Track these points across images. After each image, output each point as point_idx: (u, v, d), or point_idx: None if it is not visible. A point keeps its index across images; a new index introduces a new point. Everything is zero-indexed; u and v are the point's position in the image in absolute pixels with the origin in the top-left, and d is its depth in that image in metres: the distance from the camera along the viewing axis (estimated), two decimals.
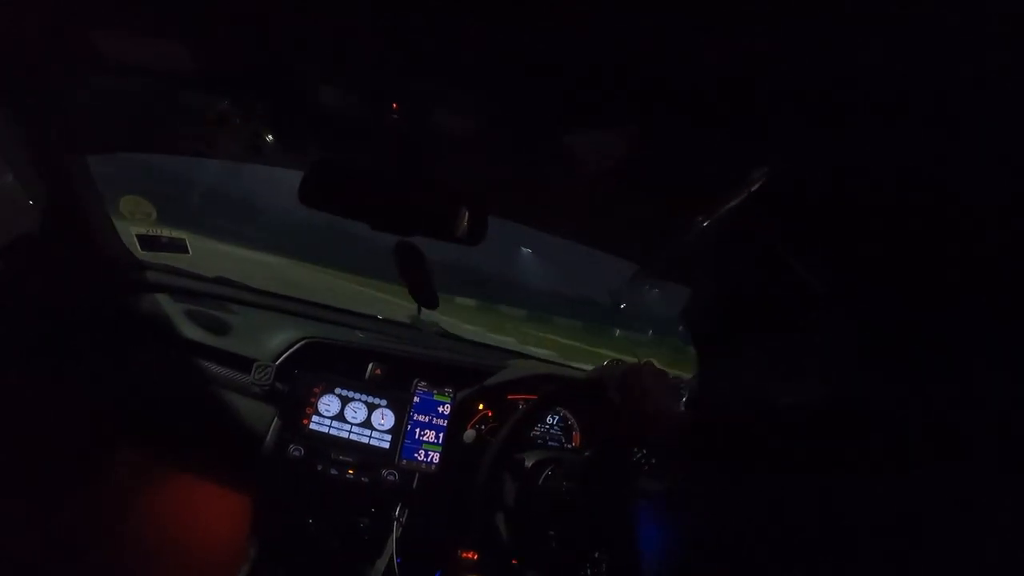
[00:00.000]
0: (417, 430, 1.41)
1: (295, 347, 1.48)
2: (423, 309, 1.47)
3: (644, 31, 0.66)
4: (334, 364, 1.47)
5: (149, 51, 1.14)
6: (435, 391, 1.43)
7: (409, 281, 1.33)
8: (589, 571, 1.35)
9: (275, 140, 1.33)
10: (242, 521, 1.55)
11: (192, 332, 1.58)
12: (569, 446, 1.50)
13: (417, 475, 1.38)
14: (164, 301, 1.65)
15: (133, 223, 1.63)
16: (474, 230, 1.21)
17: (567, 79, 0.88)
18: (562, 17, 0.70)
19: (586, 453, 1.49)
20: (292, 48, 1.05)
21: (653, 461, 1.35)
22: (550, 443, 1.49)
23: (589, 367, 1.84)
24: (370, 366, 1.48)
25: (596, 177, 1.10)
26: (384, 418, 1.41)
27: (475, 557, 1.36)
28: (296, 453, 1.37)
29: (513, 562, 1.35)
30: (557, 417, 1.50)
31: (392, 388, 1.44)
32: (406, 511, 1.38)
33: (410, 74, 1.03)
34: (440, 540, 1.43)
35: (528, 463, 1.35)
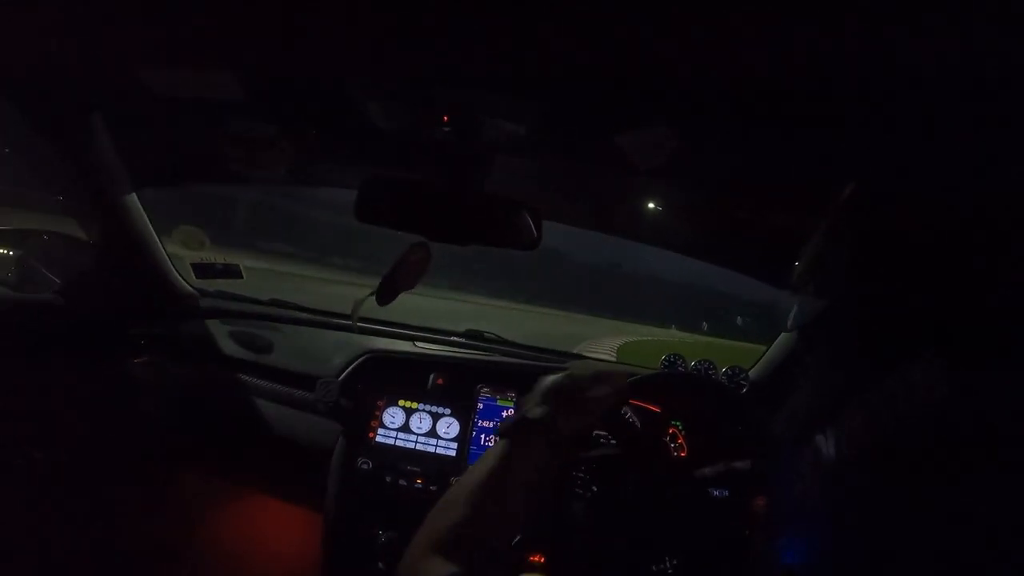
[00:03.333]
0: (483, 436, 1.41)
1: (356, 362, 1.51)
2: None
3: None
4: (395, 376, 1.49)
5: (197, 82, 1.16)
6: (498, 396, 1.43)
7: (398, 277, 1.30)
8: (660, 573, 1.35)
9: (325, 160, 1.35)
10: (311, 537, 1.58)
11: (252, 354, 1.61)
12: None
13: None
14: (222, 325, 1.69)
15: (187, 252, 1.67)
16: (534, 235, 1.22)
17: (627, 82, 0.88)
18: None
19: (679, 455, 1.48)
20: (340, 69, 1.07)
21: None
22: (612, 440, 1.49)
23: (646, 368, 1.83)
24: (431, 376, 1.49)
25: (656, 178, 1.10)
26: (449, 427, 1.43)
27: (543, 560, 1.37)
28: (364, 466, 1.39)
29: (583, 564, 1.35)
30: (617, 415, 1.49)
31: (455, 396, 1.46)
32: None
33: (460, 87, 1.04)
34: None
35: (593, 461, 1.34)
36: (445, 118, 1.12)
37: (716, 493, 1.39)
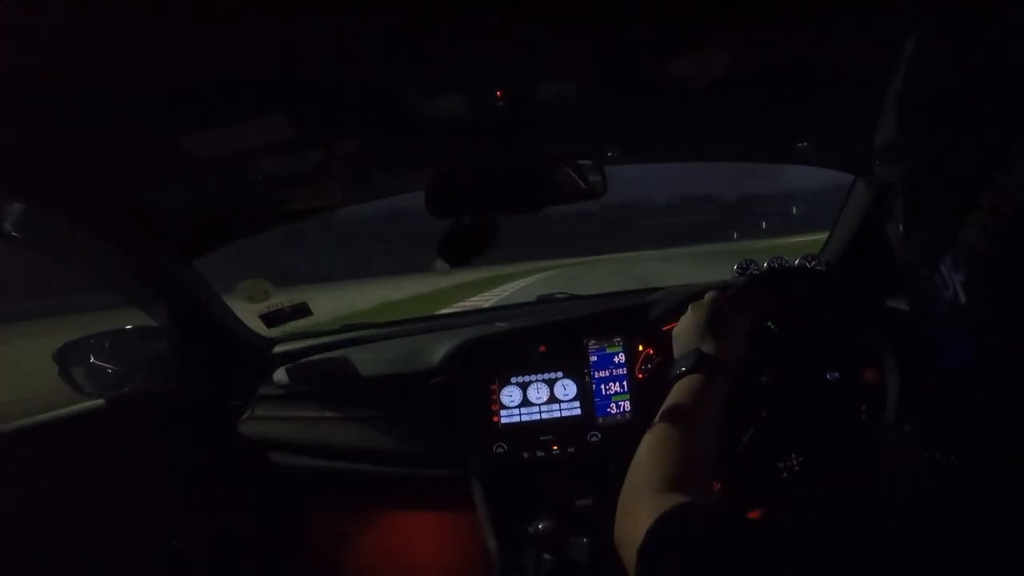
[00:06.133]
0: (603, 386, 1.44)
1: (456, 356, 1.52)
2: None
3: None
4: (496, 358, 1.51)
5: (238, 136, 1.15)
6: (606, 344, 1.46)
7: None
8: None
9: (383, 170, 1.35)
10: (468, 536, 1.61)
11: (348, 382, 1.62)
12: None
13: (618, 428, 1.43)
14: (309, 365, 1.70)
15: (254, 305, 1.67)
16: (601, 183, 1.25)
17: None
18: None
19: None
20: (388, 76, 1.06)
21: None
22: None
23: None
24: (531, 346, 1.51)
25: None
26: (567, 388, 1.46)
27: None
28: (499, 450, 1.42)
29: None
30: None
31: (561, 358, 1.48)
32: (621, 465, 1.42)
33: (507, 60, 1.04)
34: None
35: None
36: (499, 93, 1.12)
37: (829, 376, 1.44)
